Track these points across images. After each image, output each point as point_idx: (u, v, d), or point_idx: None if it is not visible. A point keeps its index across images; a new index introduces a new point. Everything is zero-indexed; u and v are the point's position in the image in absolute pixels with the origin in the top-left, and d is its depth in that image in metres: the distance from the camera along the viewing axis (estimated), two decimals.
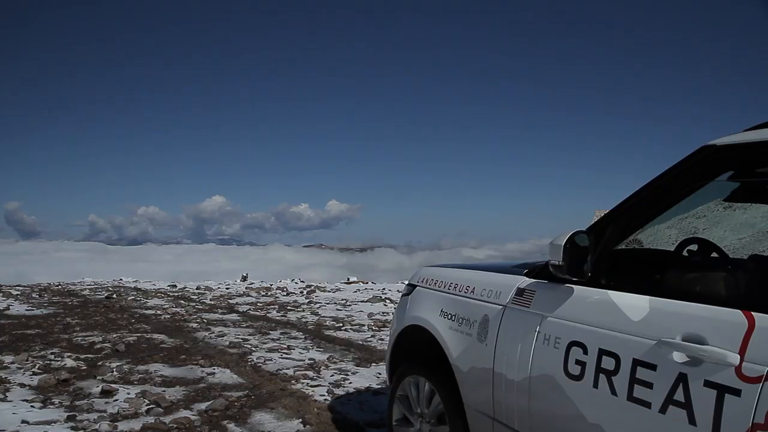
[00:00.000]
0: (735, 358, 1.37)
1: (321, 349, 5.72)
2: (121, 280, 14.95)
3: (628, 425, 1.63)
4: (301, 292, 11.48)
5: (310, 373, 4.70)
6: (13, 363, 4.79)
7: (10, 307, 8.54)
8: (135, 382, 4.35)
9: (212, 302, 9.95)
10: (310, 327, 7.17)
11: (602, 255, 1.94)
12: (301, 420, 3.54)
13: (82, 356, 5.17)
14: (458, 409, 2.44)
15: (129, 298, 10.31)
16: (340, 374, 4.68)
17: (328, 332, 6.75)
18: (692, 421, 1.44)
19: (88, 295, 10.93)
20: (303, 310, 8.79)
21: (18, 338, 6.02)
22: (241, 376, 4.57)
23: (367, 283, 14.16)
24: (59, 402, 3.81)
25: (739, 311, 1.43)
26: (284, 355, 5.38)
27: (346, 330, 6.95)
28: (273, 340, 6.22)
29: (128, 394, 3.99)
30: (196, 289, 12.38)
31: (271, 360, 5.16)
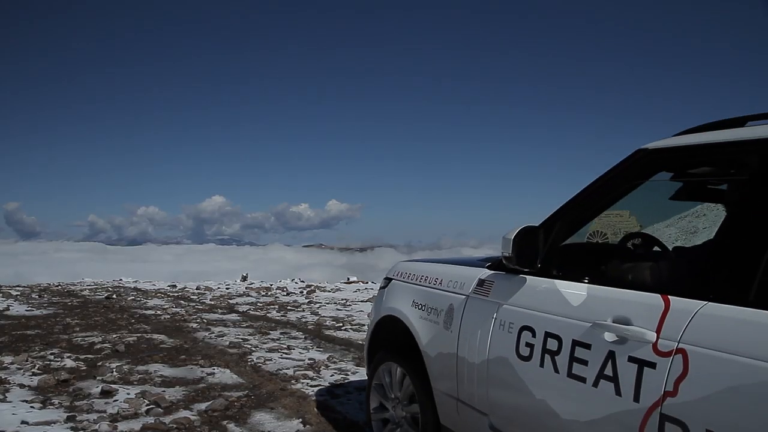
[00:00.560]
0: (652, 336, 1.59)
1: (321, 349, 5.72)
2: (120, 280, 14.93)
3: (567, 399, 1.84)
4: (301, 292, 11.48)
5: (310, 373, 4.70)
6: (12, 363, 4.79)
7: (10, 307, 8.53)
8: (135, 383, 4.35)
9: (212, 302, 9.94)
10: (310, 327, 7.17)
11: (552, 248, 2.13)
12: (301, 420, 3.54)
13: (82, 357, 5.17)
14: (427, 393, 2.63)
15: (129, 299, 10.29)
16: (340, 374, 4.68)
17: (328, 332, 6.75)
18: (618, 392, 1.64)
19: (88, 295, 10.92)
20: (303, 310, 8.79)
21: (17, 339, 6.01)
22: (241, 376, 4.57)
23: (367, 282, 14.15)
24: (59, 402, 3.81)
25: (658, 295, 1.65)
26: (284, 355, 5.38)
27: (346, 330, 6.95)
28: (273, 340, 6.22)
29: (128, 394, 3.99)
30: (196, 289, 12.37)
31: (271, 360, 5.16)
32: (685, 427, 1.45)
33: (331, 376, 4.63)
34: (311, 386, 4.32)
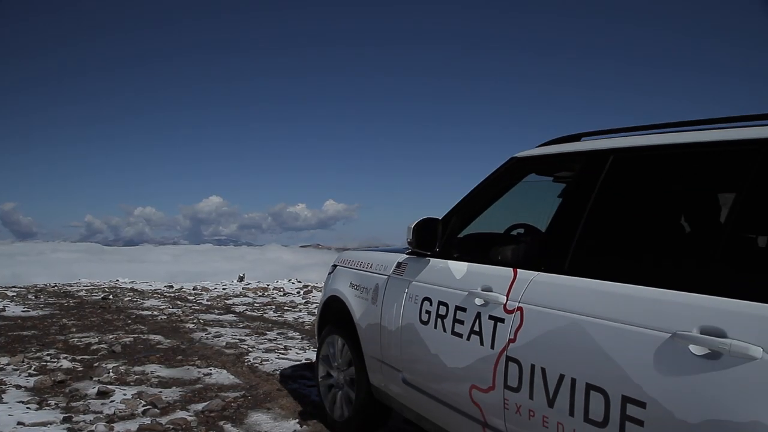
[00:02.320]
0: (503, 299, 2.11)
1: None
2: (117, 280, 14.88)
3: (451, 352, 2.33)
4: (298, 293, 11.47)
5: (307, 374, 4.70)
6: (8, 365, 4.78)
7: (6, 308, 8.50)
8: (131, 383, 4.35)
9: (209, 303, 9.92)
10: (306, 327, 7.17)
11: (450, 236, 2.66)
12: (297, 420, 3.55)
13: (79, 357, 5.17)
14: (360, 358, 3.14)
15: (125, 299, 10.27)
16: None
17: None
18: (482, 343, 2.15)
19: (85, 296, 10.88)
20: (300, 311, 8.79)
21: (14, 339, 6.00)
22: (238, 377, 4.57)
23: None
24: (55, 403, 3.81)
25: (511, 268, 2.18)
26: (281, 356, 5.38)
27: None
28: (270, 340, 6.22)
29: (124, 395, 3.99)
30: (193, 289, 12.34)
31: (267, 360, 5.16)
32: (519, 363, 1.96)
33: None
34: (308, 386, 4.32)
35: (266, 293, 11.51)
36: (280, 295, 11.09)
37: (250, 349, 5.66)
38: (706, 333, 1.43)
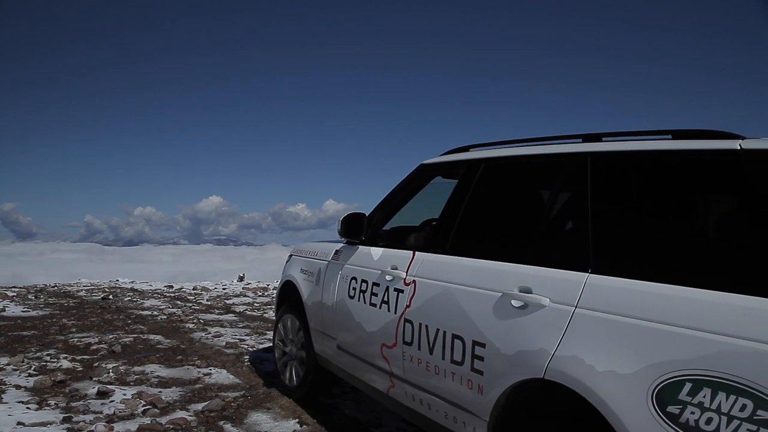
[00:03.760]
0: (404, 274, 2.73)
1: None
2: (117, 281, 14.86)
3: (368, 318, 2.94)
4: None
5: None
6: (8, 365, 4.78)
7: (6, 308, 8.50)
8: (131, 383, 4.35)
9: (209, 303, 9.92)
10: None
11: (375, 228, 3.28)
12: (297, 420, 3.56)
13: (78, 357, 5.17)
14: (307, 331, 3.76)
15: (125, 299, 10.26)
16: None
17: None
18: (389, 310, 2.75)
19: (85, 296, 10.88)
20: None
21: (14, 340, 6.00)
22: (238, 377, 4.58)
23: None
24: (55, 403, 3.81)
25: (411, 251, 2.80)
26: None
27: None
28: (269, 340, 6.22)
29: (124, 395, 3.99)
30: (193, 289, 12.33)
31: (267, 360, 5.16)
32: (412, 324, 2.56)
33: None
34: None
35: (266, 293, 11.51)
36: None
37: (250, 349, 5.66)
38: (521, 291, 2.04)
